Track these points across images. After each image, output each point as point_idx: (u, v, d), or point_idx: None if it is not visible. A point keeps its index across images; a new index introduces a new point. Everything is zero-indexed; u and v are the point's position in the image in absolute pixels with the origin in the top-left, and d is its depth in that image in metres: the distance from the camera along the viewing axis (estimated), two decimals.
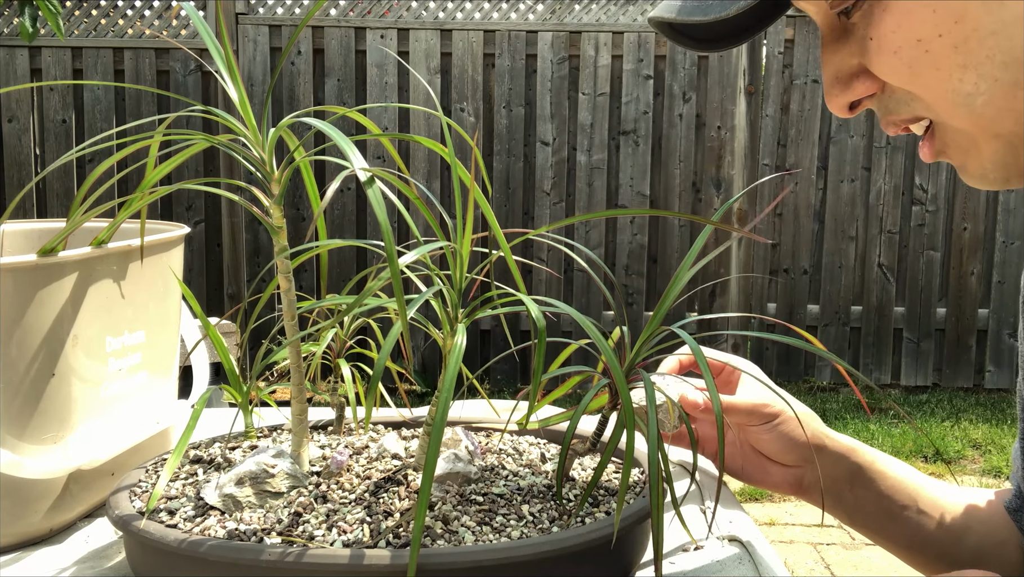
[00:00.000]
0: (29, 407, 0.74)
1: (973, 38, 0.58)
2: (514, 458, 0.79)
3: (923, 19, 0.59)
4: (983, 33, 0.58)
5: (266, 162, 0.68)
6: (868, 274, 4.75)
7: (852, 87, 0.64)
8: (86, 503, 0.81)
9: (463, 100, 4.61)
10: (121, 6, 4.58)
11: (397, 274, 0.55)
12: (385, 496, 0.68)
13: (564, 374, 0.79)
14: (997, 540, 0.86)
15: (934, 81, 0.61)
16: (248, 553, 0.59)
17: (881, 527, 0.88)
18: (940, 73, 0.60)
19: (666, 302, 0.74)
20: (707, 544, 0.76)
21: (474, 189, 0.67)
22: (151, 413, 0.88)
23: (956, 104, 0.61)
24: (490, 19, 4.64)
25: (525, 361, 4.67)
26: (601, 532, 0.64)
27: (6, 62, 4.55)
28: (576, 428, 0.73)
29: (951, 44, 0.59)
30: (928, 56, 0.60)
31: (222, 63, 0.68)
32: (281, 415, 0.93)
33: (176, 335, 0.94)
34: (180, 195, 4.64)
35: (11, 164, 4.60)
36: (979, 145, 0.62)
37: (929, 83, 0.61)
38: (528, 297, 0.65)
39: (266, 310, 4.14)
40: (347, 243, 0.72)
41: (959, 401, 4.57)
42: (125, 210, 0.71)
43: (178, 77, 4.59)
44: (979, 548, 0.86)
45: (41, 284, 0.73)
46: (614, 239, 4.68)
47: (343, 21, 4.57)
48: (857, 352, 4.77)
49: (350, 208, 4.66)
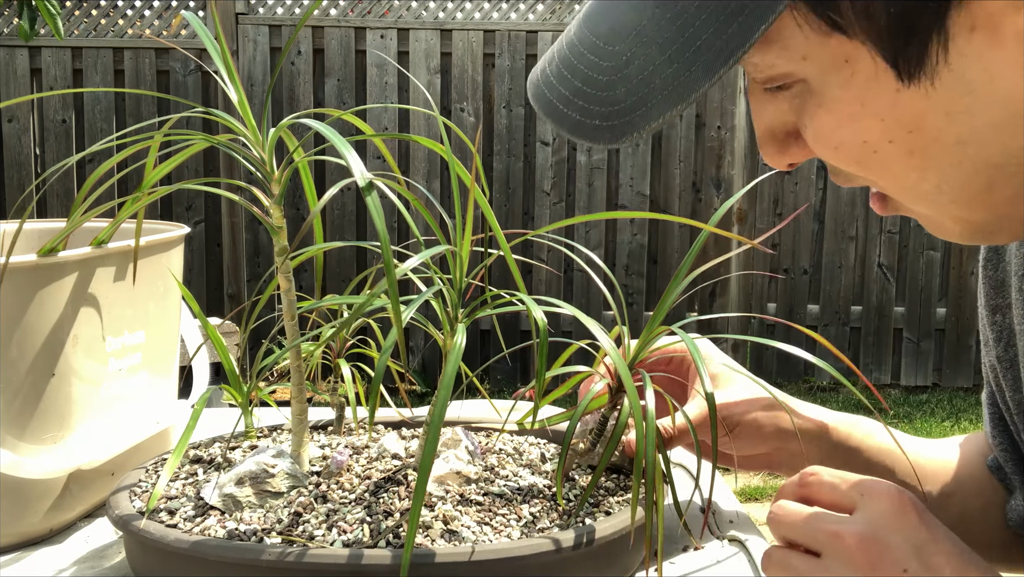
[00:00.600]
0: (29, 407, 0.74)
1: (934, 147, 0.52)
2: (514, 458, 0.79)
3: (868, 126, 0.53)
4: (947, 143, 0.52)
5: (266, 162, 0.68)
6: (868, 274, 4.75)
7: (788, 150, 0.58)
8: (86, 503, 0.81)
9: (463, 100, 4.60)
10: (121, 6, 4.58)
11: (394, 283, 0.55)
12: (385, 496, 0.68)
13: (564, 374, 0.79)
14: (981, 503, 0.83)
15: (886, 177, 0.56)
16: (248, 553, 0.59)
17: None
18: (892, 172, 0.55)
19: (666, 302, 0.74)
20: (707, 544, 0.76)
21: (474, 189, 0.67)
22: (151, 413, 0.88)
23: (915, 197, 0.56)
24: (490, 19, 4.64)
25: (525, 361, 4.67)
26: (601, 532, 0.64)
27: (6, 62, 4.54)
28: (576, 428, 0.73)
29: (905, 150, 0.53)
30: (877, 156, 0.54)
31: (221, 64, 0.68)
32: (281, 415, 0.93)
33: (176, 335, 0.94)
34: (180, 195, 4.64)
35: (11, 164, 4.59)
36: (944, 224, 0.58)
37: (880, 176, 0.56)
38: (529, 297, 0.65)
39: (266, 310, 4.14)
40: (346, 244, 0.72)
41: (959, 401, 4.57)
42: (125, 210, 0.71)
43: (178, 77, 4.59)
44: (962, 514, 0.83)
45: (41, 284, 0.73)
46: (614, 239, 4.68)
47: (343, 21, 4.57)
48: (857, 352, 4.76)
49: (350, 208, 4.66)
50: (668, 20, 0.52)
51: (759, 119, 0.59)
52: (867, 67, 0.51)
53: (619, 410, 0.73)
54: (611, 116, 0.54)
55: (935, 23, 0.48)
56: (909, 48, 0.49)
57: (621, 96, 0.53)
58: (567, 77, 0.56)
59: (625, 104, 0.53)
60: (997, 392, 0.80)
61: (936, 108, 0.51)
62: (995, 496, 0.83)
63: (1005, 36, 0.48)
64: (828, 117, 0.54)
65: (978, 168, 0.53)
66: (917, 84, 0.50)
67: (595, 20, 0.57)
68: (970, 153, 0.52)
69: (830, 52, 0.51)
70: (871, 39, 0.50)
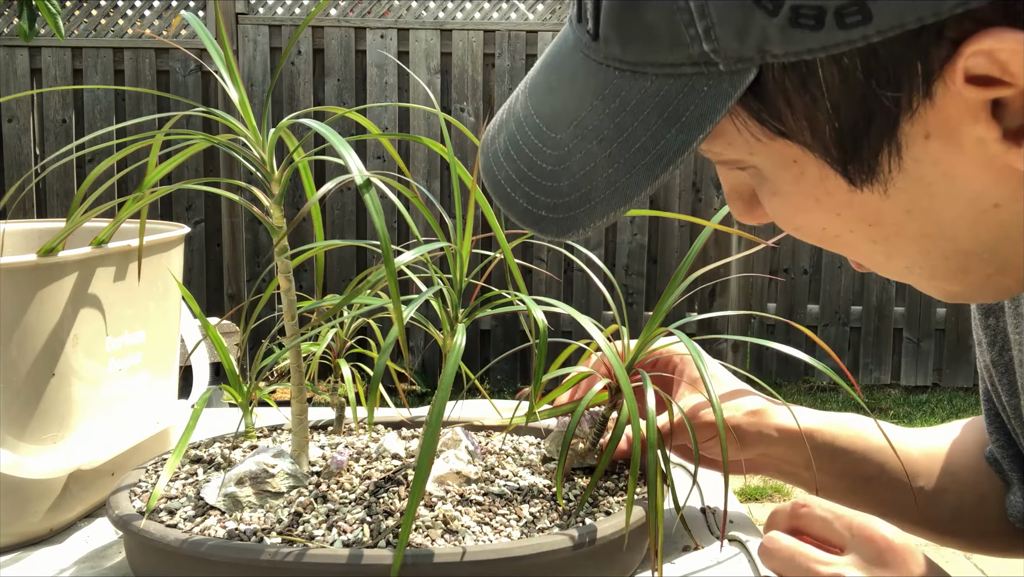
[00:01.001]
0: (29, 407, 0.74)
1: (897, 239, 0.50)
2: (514, 458, 0.79)
3: (824, 218, 0.51)
4: (910, 235, 0.50)
5: (266, 162, 0.68)
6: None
7: (754, 212, 0.56)
8: (86, 503, 0.81)
9: (463, 100, 4.60)
10: (121, 6, 4.58)
11: (394, 278, 0.55)
12: (385, 496, 0.68)
13: (564, 375, 0.79)
14: (976, 497, 0.83)
15: (854, 256, 0.55)
16: (248, 553, 0.59)
17: (847, 500, 0.84)
18: (859, 253, 0.54)
19: (666, 302, 0.74)
20: (707, 544, 0.76)
21: (474, 189, 0.67)
22: (151, 413, 0.88)
23: (889, 273, 0.54)
24: (490, 19, 4.64)
25: (525, 361, 4.67)
26: (601, 532, 0.64)
27: (6, 62, 4.54)
28: (576, 427, 0.73)
29: (868, 240, 0.51)
30: (839, 241, 0.52)
31: (222, 64, 0.68)
32: (281, 415, 0.93)
33: (176, 335, 0.94)
34: (180, 195, 4.64)
35: (11, 164, 4.59)
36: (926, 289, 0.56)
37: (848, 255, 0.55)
38: (529, 297, 0.65)
39: (266, 310, 4.14)
40: (346, 243, 0.72)
41: (959, 401, 4.57)
42: (125, 210, 0.71)
43: (178, 77, 4.59)
44: (957, 509, 0.83)
45: (41, 284, 0.73)
46: (614, 239, 4.68)
47: (343, 21, 4.57)
48: (857, 352, 4.76)
49: (350, 208, 4.65)
50: (607, 116, 0.49)
51: (723, 179, 0.57)
52: (816, 171, 0.48)
53: (619, 410, 0.74)
54: (557, 208, 0.51)
55: (884, 134, 0.45)
56: (858, 158, 0.47)
57: (565, 189, 0.51)
58: (513, 157, 0.53)
59: (570, 198, 0.51)
60: (992, 392, 0.80)
61: (895, 207, 0.48)
62: (992, 489, 0.82)
63: (963, 141, 0.44)
64: (784, 206, 0.52)
65: (947, 255, 0.50)
66: (871, 189, 0.48)
67: (539, 98, 0.54)
68: (938, 244, 0.50)
69: (776, 153, 0.49)
70: (817, 150, 0.47)
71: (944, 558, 2.84)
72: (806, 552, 0.62)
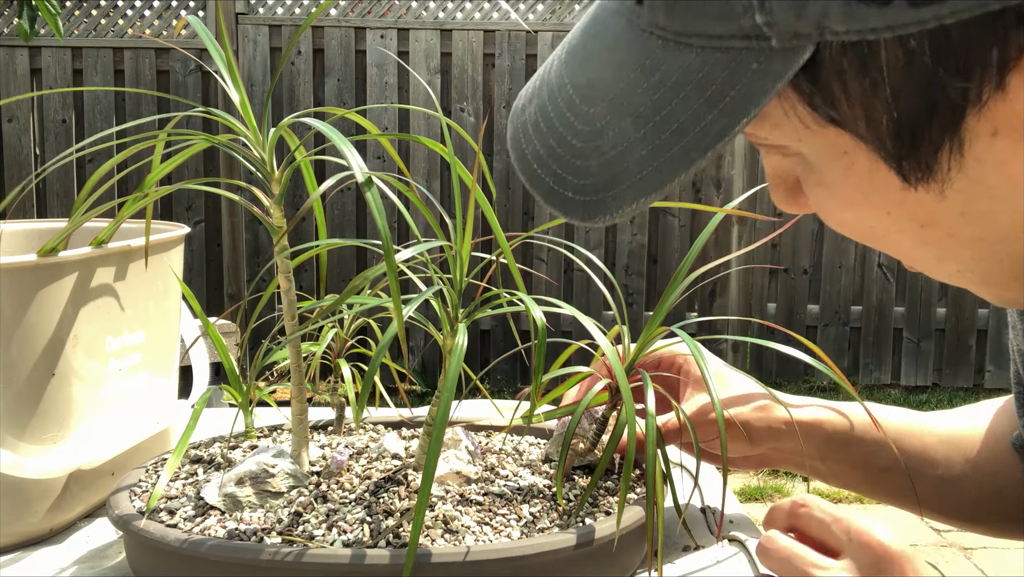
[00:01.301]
0: (29, 407, 0.74)
1: (950, 242, 0.47)
2: (514, 458, 0.79)
3: (874, 215, 0.47)
4: (964, 239, 0.46)
5: (266, 162, 0.68)
6: (868, 274, 4.75)
7: (798, 200, 0.53)
8: (86, 503, 0.81)
9: (463, 100, 4.60)
10: (121, 6, 4.58)
11: (395, 274, 0.55)
12: (385, 496, 0.68)
13: (564, 375, 0.79)
14: (996, 487, 0.81)
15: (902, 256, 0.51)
16: (248, 553, 0.59)
17: (861, 489, 0.84)
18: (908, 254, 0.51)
19: (666, 302, 0.74)
20: (707, 544, 0.76)
21: (475, 189, 0.67)
22: (151, 413, 0.88)
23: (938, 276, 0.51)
24: (490, 19, 4.64)
25: (525, 361, 4.67)
26: (601, 532, 0.64)
27: (6, 62, 4.54)
28: (576, 427, 0.73)
29: (919, 241, 0.48)
30: (888, 240, 0.49)
31: (222, 64, 0.68)
32: (281, 415, 0.93)
33: (176, 335, 0.94)
34: (180, 195, 4.63)
35: (11, 164, 4.59)
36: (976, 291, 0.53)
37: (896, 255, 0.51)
38: (529, 297, 0.65)
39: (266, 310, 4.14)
40: (347, 243, 0.72)
41: (959, 401, 4.57)
42: (126, 209, 0.71)
43: (178, 77, 4.59)
44: (977, 498, 0.82)
45: (41, 284, 0.73)
46: (614, 239, 4.68)
47: (343, 21, 4.57)
48: (857, 352, 4.76)
49: (350, 208, 4.65)
50: (645, 91, 0.45)
51: (766, 163, 0.53)
52: (866, 164, 0.45)
53: (619, 410, 0.74)
54: (583, 190, 0.47)
55: (947, 129, 0.41)
56: (915, 153, 0.43)
57: (594, 169, 0.47)
58: (543, 130, 0.50)
59: (597, 180, 0.47)
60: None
61: (950, 209, 0.45)
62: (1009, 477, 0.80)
63: None
64: (829, 199, 0.48)
65: (1001, 259, 0.47)
66: (925, 188, 0.44)
67: (574, 66, 0.50)
68: (994, 249, 0.46)
69: (826, 142, 0.45)
70: (871, 142, 0.44)
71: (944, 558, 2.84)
72: (803, 554, 0.62)
